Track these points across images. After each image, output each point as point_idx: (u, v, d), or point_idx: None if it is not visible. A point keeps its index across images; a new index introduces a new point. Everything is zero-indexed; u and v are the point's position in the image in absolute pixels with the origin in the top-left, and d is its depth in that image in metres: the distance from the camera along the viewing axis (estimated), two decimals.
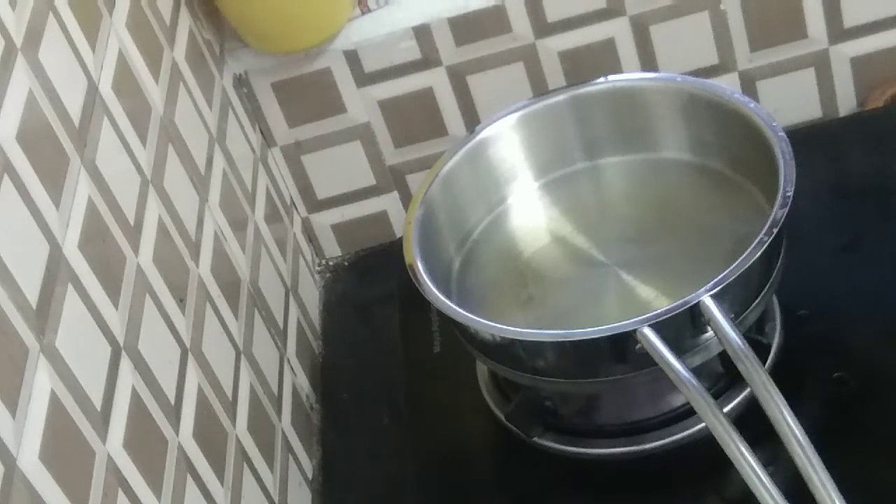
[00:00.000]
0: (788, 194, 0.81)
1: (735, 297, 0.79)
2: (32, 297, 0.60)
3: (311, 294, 1.13)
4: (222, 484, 0.78)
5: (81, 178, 0.69)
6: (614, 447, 0.87)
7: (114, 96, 0.78)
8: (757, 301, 0.82)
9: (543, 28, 1.07)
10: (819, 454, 0.70)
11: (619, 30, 1.08)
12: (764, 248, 0.79)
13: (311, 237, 1.17)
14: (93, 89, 0.75)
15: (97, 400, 0.64)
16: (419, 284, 0.85)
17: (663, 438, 0.86)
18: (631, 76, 1.02)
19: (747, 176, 0.90)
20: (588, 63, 1.08)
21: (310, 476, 0.97)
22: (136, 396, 0.68)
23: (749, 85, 1.11)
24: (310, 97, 1.09)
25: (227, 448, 0.81)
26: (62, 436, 0.59)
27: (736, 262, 0.78)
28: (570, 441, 0.88)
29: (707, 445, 0.75)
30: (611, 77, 0.96)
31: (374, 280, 1.14)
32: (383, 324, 1.07)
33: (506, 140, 0.96)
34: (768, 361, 0.88)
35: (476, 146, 0.96)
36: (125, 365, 0.68)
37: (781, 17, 1.08)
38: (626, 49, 1.08)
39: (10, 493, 0.53)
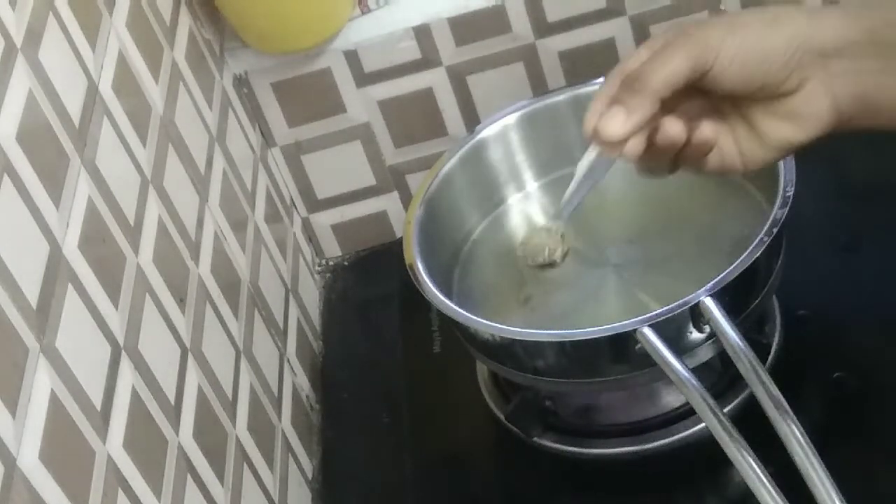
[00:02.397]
0: (788, 194, 0.81)
1: (735, 297, 0.79)
2: (32, 297, 0.60)
3: (311, 294, 1.13)
4: (222, 484, 0.78)
5: (81, 178, 0.69)
6: (614, 447, 0.87)
7: (114, 96, 0.78)
8: (757, 301, 0.82)
9: (543, 28, 1.07)
10: (819, 454, 0.70)
11: (619, 30, 1.08)
12: (764, 248, 0.79)
13: (311, 237, 1.17)
14: (93, 89, 0.75)
15: (97, 400, 0.64)
16: (419, 284, 0.85)
17: (663, 438, 0.86)
18: None
19: (747, 176, 0.90)
20: (588, 63, 1.08)
21: (310, 476, 0.97)
22: (136, 396, 0.68)
23: None
24: (310, 97, 1.08)
25: (227, 448, 0.81)
26: (62, 436, 0.59)
27: (736, 262, 0.78)
28: (570, 441, 0.88)
29: (707, 445, 0.75)
30: None
31: (374, 280, 1.14)
32: (383, 324, 1.08)
33: (506, 140, 0.97)
34: (768, 361, 0.88)
35: (476, 146, 0.96)
36: (125, 365, 0.68)
37: None
38: (626, 49, 1.08)
39: (10, 493, 0.53)
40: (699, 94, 0.71)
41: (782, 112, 0.69)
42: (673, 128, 0.69)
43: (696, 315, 0.78)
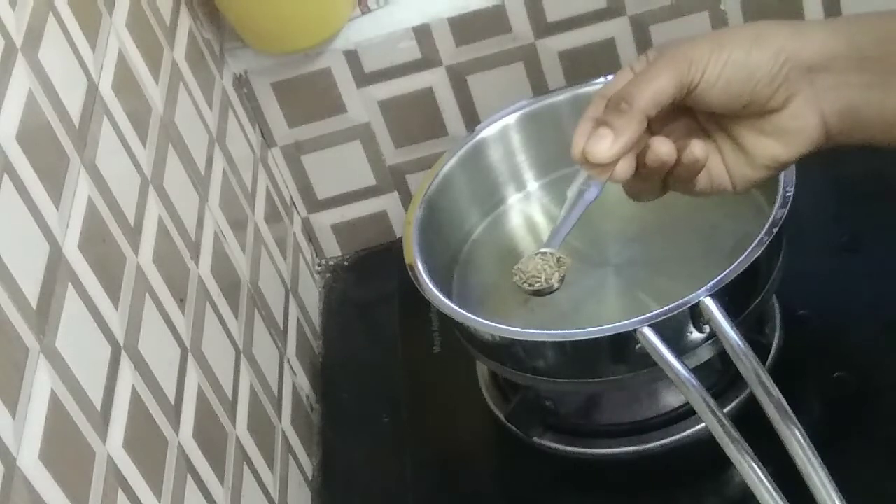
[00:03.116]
0: (788, 194, 0.81)
1: (735, 297, 0.79)
2: (32, 297, 0.60)
3: (311, 294, 1.13)
4: (222, 484, 0.78)
5: (81, 178, 0.69)
6: (614, 447, 0.87)
7: (114, 96, 0.78)
8: (757, 301, 0.82)
9: (543, 28, 1.07)
10: (819, 454, 0.70)
11: (619, 30, 1.08)
12: (764, 248, 0.79)
13: (311, 237, 1.17)
14: (93, 89, 0.75)
15: (97, 400, 0.64)
16: (419, 284, 0.85)
17: (663, 438, 0.86)
18: None
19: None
20: (588, 63, 1.08)
21: (310, 476, 0.97)
22: (136, 396, 0.68)
23: None
24: (310, 97, 1.09)
25: (227, 448, 0.81)
26: (62, 436, 0.59)
27: (736, 262, 0.78)
28: (570, 441, 0.88)
29: (707, 445, 0.75)
30: (611, 77, 0.96)
31: (374, 280, 1.14)
32: (383, 324, 1.07)
33: (506, 140, 0.97)
34: (768, 361, 0.88)
35: (476, 146, 0.96)
36: (125, 365, 0.68)
37: (782, 17, 1.07)
38: (626, 49, 1.08)
39: (10, 493, 0.53)
40: (685, 115, 0.71)
41: (770, 129, 0.69)
42: (662, 147, 0.69)
43: (696, 315, 0.78)
